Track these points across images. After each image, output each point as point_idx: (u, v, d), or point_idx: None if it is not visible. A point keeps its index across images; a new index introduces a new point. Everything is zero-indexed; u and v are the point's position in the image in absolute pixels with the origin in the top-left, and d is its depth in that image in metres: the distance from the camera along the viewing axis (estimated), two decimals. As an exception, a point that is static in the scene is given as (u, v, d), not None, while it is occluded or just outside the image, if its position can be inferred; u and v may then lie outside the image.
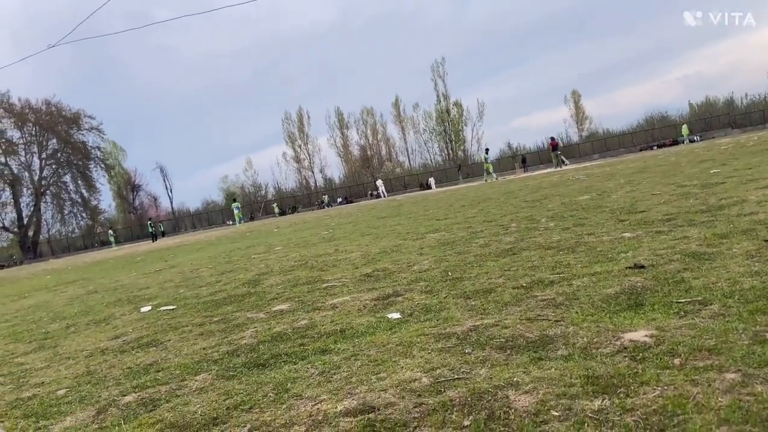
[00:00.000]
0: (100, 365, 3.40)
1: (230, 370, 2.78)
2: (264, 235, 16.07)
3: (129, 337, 4.10)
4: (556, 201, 9.12)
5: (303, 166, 79.61)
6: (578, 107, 77.29)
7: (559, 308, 2.85)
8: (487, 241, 5.74)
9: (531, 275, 3.72)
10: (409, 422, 1.84)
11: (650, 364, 1.94)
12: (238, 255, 10.13)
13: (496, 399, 1.88)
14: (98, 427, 2.33)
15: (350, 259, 6.26)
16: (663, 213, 5.43)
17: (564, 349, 2.24)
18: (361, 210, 23.63)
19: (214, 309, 4.64)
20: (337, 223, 15.08)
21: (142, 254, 18.67)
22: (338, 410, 2.03)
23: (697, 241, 3.84)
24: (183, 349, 3.41)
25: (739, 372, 1.75)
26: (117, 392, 2.76)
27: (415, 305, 3.46)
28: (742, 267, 2.97)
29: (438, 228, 8.19)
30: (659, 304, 2.62)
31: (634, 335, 2.25)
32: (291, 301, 4.33)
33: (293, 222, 24.01)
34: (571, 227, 5.65)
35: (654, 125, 66.87)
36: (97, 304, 6.53)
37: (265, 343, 3.17)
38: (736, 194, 5.79)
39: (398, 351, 2.59)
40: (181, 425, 2.16)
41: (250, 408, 2.22)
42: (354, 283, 4.66)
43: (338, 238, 9.86)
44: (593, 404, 1.72)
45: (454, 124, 76.40)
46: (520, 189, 15.37)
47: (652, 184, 8.84)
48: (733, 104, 65.84)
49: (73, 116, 72.10)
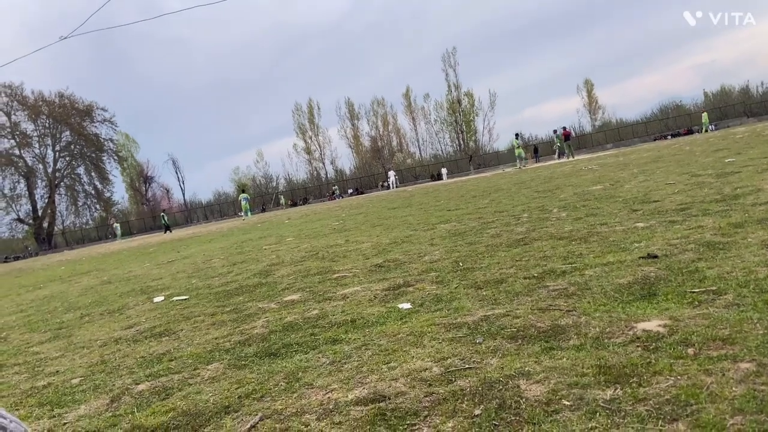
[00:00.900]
0: (114, 354, 3.43)
1: (242, 360, 2.80)
2: (275, 226, 16.12)
3: (142, 326, 4.14)
4: (568, 191, 9.05)
5: (314, 158, 79.66)
6: (591, 97, 76.51)
7: (571, 298, 2.83)
8: (498, 232, 5.71)
9: (543, 265, 3.70)
10: (419, 411, 1.84)
11: (663, 354, 1.93)
12: (249, 246, 10.17)
13: (507, 388, 1.88)
14: (112, 415, 2.35)
15: (361, 250, 6.27)
16: (677, 203, 5.38)
17: (576, 339, 2.23)
18: (372, 201, 23.63)
19: (226, 299, 4.66)
20: (347, 214, 15.10)
21: (155, 245, 18.83)
22: (349, 399, 2.03)
23: (712, 230, 3.79)
24: (195, 339, 3.43)
25: (754, 362, 1.73)
26: (130, 381, 2.78)
27: (425, 295, 3.46)
28: (758, 257, 2.93)
29: (449, 219, 8.16)
30: (672, 294, 2.60)
31: (647, 325, 2.23)
32: (302, 292, 4.34)
33: (304, 213, 24.07)
34: (584, 217, 5.61)
35: (668, 114, 66.08)
36: (111, 294, 6.60)
37: (277, 333, 3.18)
38: (751, 183, 5.71)
39: (409, 341, 2.59)
40: (194, 413, 2.18)
41: (261, 397, 2.23)
42: (365, 273, 4.67)
43: (349, 229, 9.86)
44: (605, 394, 1.71)
45: (465, 115, 75.99)
46: (531, 179, 15.27)
47: (666, 174, 8.74)
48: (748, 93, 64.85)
49: (86, 108, 72.62)
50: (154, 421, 2.16)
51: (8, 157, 66.78)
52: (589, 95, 76.46)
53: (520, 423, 1.64)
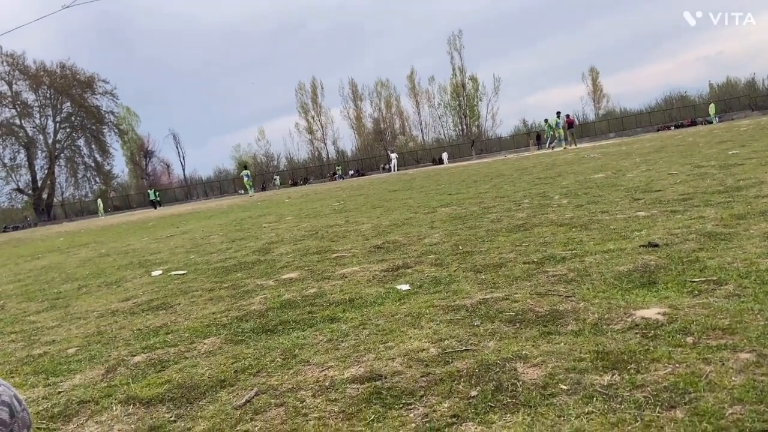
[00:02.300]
0: (111, 326, 3.43)
1: (239, 335, 2.79)
2: (275, 205, 16.11)
3: (140, 299, 4.14)
4: (570, 178, 9.02)
5: (315, 138, 79.35)
6: (596, 85, 76.00)
7: (570, 284, 2.82)
8: (498, 217, 5.69)
9: (543, 251, 3.68)
10: (415, 391, 1.83)
11: (662, 342, 1.92)
12: (249, 223, 10.16)
13: (504, 371, 1.87)
14: (107, 385, 2.35)
15: (360, 231, 6.25)
16: (679, 193, 5.35)
17: (574, 325, 2.22)
18: (373, 183, 23.58)
19: (224, 275, 4.66)
20: (348, 195, 15.07)
21: (154, 220, 18.82)
22: (345, 377, 2.03)
23: (714, 221, 3.77)
24: (193, 313, 3.43)
25: (754, 352, 1.72)
26: (126, 352, 2.78)
27: (424, 277, 3.45)
28: (759, 248, 2.91)
29: (450, 202, 8.14)
30: (673, 282, 2.59)
31: (646, 312, 2.22)
32: (301, 270, 4.33)
33: (304, 193, 24.04)
34: (585, 205, 5.58)
35: (672, 105, 65.71)
36: (109, 266, 6.60)
37: (274, 310, 3.18)
38: (754, 175, 5.68)
39: (406, 321, 2.59)
40: (189, 386, 2.17)
41: (257, 372, 2.23)
42: (364, 254, 4.65)
43: (349, 209, 9.84)
44: (603, 379, 1.70)
45: (469, 99, 75.54)
46: (533, 166, 15.22)
47: (669, 164, 8.70)
48: (754, 86, 64.42)
49: (87, 80, 72.11)
50: (150, 393, 2.16)
51: (9, 126, 66.48)
52: (593, 83, 75.95)
53: (516, 405, 1.63)
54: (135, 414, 2.01)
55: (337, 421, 1.70)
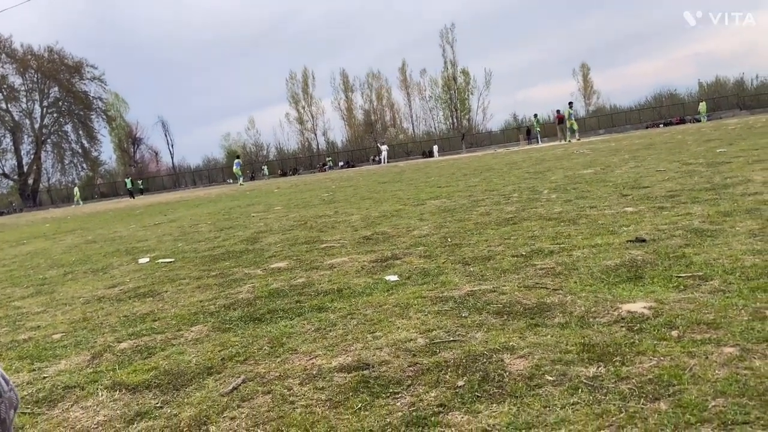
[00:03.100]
0: (97, 312, 3.41)
1: (226, 323, 2.78)
2: (264, 195, 16.05)
3: (126, 286, 4.11)
4: (559, 173, 9.06)
5: (306, 128, 79.03)
6: (586, 81, 76.27)
7: (557, 277, 2.84)
8: (488, 210, 5.71)
9: (531, 244, 3.70)
10: (403, 380, 1.84)
11: (647, 335, 1.94)
12: (237, 212, 10.12)
13: (491, 362, 1.88)
14: (93, 371, 2.34)
15: (350, 222, 6.25)
16: (667, 189, 5.40)
17: (561, 317, 2.23)
18: (363, 174, 23.55)
19: (212, 263, 4.64)
20: (337, 186, 15.04)
21: (142, 207, 18.68)
22: (333, 365, 2.03)
23: (700, 217, 3.81)
24: (180, 301, 3.41)
25: (738, 346, 1.74)
26: (112, 339, 2.77)
27: (413, 269, 3.45)
28: (745, 245, 2.94)
29: (439, 195, 8.15)
30: (659, 277, 2.61)
31: (632, 306, 2.24)
32: (289, 260, 4.32)
33: (294, 183, 23.97)
34: (574, 200, 5.62)
35: (662, 103, 66.14)
36: (95, 253, 6.54)
37: (262, 299, 3.17)
38: (741, 174, 5.74)
39: (395, 312, 2.59)
40: (176, 373, 2.17)
41: (244, 360, 2.22)
42: (353, 244, 4.65)
43: (338, 200, 9.83)
44: (588, 371, 1.72)
45: (460, 92, 75.53)
46: (523, 160, 15.28)
47: (657, 161, 8.77)
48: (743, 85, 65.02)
49: (76, 65, 71.20)
50: (136, 379, 2.15)
51: (-6, 110, 65.60)
52: (584, 79, 76.23)
53: (503, 395, 1.65)
54: (121, 400, 2.00)
55: (324, 409, 1.71)
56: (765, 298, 2.14)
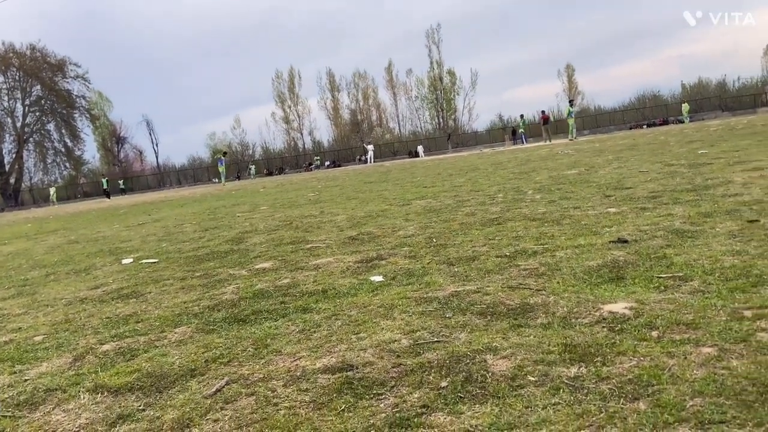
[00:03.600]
0: (79, 314, 3.38)
1: (210, 324, 2.77)
2: (249, 195, 15.97)
3: (109, 287, 4.08)
4: (543, 174, 9.13)
5: (292, 128, 78.81)
6: (571, 82, 76.92)
7: (541, 278, 2.86)
8: (473, 210, 5.74)
9: (515, 245, 3.73)
10: (386, 381, 1.84)
11: (628, 336, 1.96)
12: (222, 212, 10.07)
13: (474, 362, 1.90)
14: (75, 373, 2.32)
15: (335, 222, 6.25)
16: (649, 190, 5.46)
17: (544, 318, 2.26)
18: (349, 174, 23.54)
19: (197, 264, 4.61)
20: (323, 186, 15.02)
21: (126, 207, 18.51)
22: (317, 367, 2.03)
23: (681, 218, 3.86)
24: (163, 302, 3.39)
25: (716, 347, 1.77)
26: (95, 341, 2.74)
27: (398, 269, 3.46)
28: (724, 246, 2.99)
29: (425, 195, 8.17)
30: (640, 278, 2.64)
31: (613, 307, 2.27)
32: (274, 260, 4.31)
33: (279, 183, 23.89)
34: (557, 200, 5.66)
35: (645, 104, 66.87)
36: (78, 254, 6.47)
37: (247, 300, 3.16)
38: (722, 175, 5.82)
39: (379, 313, 2.60)
40: (159, 375, 2.15)
41: (228, 361, 2.22)
42: (338, 245, 4.65)
43: (324, 200, 9.82)
44: (570, 371, 1.74)
45: (446, 93, 75.77)
46: (509, 160, 15.36)
47: (640, 162, 8.87)
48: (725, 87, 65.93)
49: (58, 63, 70.33)
50: (118, 381, 2.14)
51: (-25, 108, 64.61)
52: (569, 80, 76.88)
53: (485, 396, 1.66)
54: (103, 402, 1.99)
55: (307, 411, 1.71)
56: (743, 298, 2.18)
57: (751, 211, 3.80)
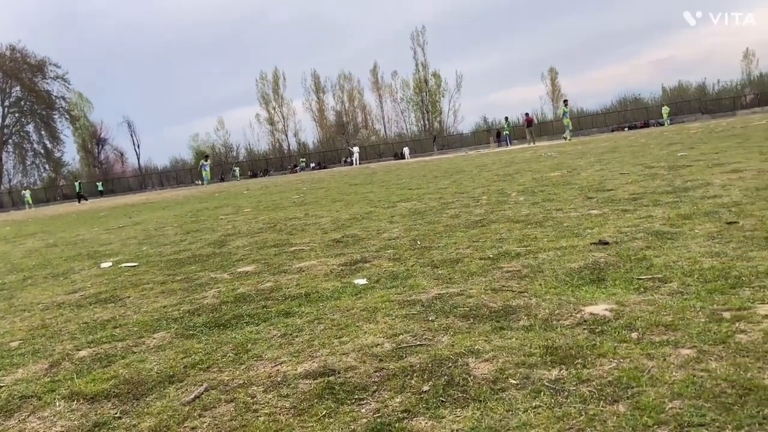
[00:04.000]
0: (56, 319, 3.32)
1: (190, 329, 2.74)
2: (233, 197, 15.86)
3: (87, 292, 4.01)
4: (527, 176, 9.18)
5: (276, 129, 78.51)
6: (554, 85, 77.61)
7: (523, 280, 2.87)
8: (457, 212, 5.75)
9: (498, 247, 3.74)
10: (368, 386, 1.83)
11: (608, 337, 1.97)
12: (205, 215, 9.98)
13: (456, 366, 1.89)
14: (50, 380, 2.27)
15: (320, 224, 6.22)
16: (630, 192, 5.51)
17: (526, 320, 2.26)
18: (334, 176, 23.49)
19: (178, 268, 4.56)
20: (308, 188, 14.96)
21: (106, 210, 18.28)
22: (298, 372, 2.01)
23: (661, 220, 3.90)
24: (142, 307, 3.34)
25: (695, 348, 1.79)
26: (72, 346, 2.69)
27: (382, 272, 3.45)
28: (703, 247, 3.02)
29: (410, 197, 8.17)
30: (621, 279, 2.66)
31: (594, 309, 2.27)
32: (257, 263, 4.28)
33: (264, 185, 23.76)
34: (541, 202, 5.69)
35: (627, 107, 67.66)
36: (56, 257, 6.37)
37: (228, 304, 3.13)
38: (701, 177, 5.89)
39: (362, 316, 2.58)
40: (136, 382, 2.12)
41: (208, 367, 2.19)
42: (322, 247, 4.63)
43: (309, 202, 9.78)
44: (551, 374, 1.74)
45: (431, 95, 76.01)
46: (493, 162, 15.43)
47: (622, 164, 8.95)
48: (704, 90, 66.94)
49: (38, 64, 69.40)
50: (95, 388, 2.10)
51: (-48, 109, 63.52)
52: (552, 83, 77.57)
53: (467, 400, 1.65)
54: (79, 410, 1.95)
55: (288, 417, 1.69)
56: (722, 300, 2.20)
57: (730, 212, 3.85)
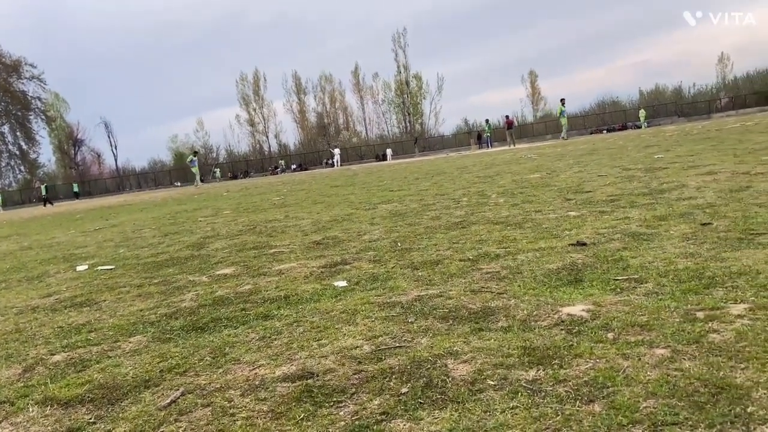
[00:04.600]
0: (30, 323, 3.25)
1: (167, 333, 2.70)
2: (212, 198, 15.73)
3: (62, 295, 3.94)
4: (507, 178, 9.24)
5: (257, 130, 78.08)
6: (534, 87, 78.40)
7: (502, 281, 2.89)
8: (438, 214, 5.77)
9: (478, 248, 3.76)
10: (347, 388, 1.82)
11: (585, 338, 1.99)
12: (183, 217, 9.87)
13: (435, 367, 1.89)
14: (24, 385, 2.23)
15: (300, 226, 6.19)
16: (607, 194, 5.58)
17: (504, 321, 2.27)
18: (315, 178, 23.41)
19: (155, 270, 4.50)
20: (289, 190, 14.89)
21: (82, 212, 18.00)
22: (276, 375, 2.00)
23: (638, 222, 3.95)
24: (119, 310, 3.29)
25: (669, 348, 1.81)
26: (46, 351, 2.64)
27: (362, 274, 3.45)
28: (678, 248, 3.07)
29: (391, 199, 8.18)
30: (597, 280, 2.69)
31: (571, 309, 2.30)
32: (236, 266, 4.24)
33: (244, 186, 23.59)
34: (520, 204, 5.74)
35: (605, 109, 68.53)
36: (31, 260, 6.26)
37: (206, 307, 3.10)
38: (677, 179, 5.99)
39: (342, 318, 2.58)
40: (111, 386, 2.09)
41: (185, 371, 2.16)
42: (302, 250, 4.61)
43: (289, 204, 9.73)
44: (528, 374, 1.75)
45: (413, 97, 76.23)
46: (474, 164, 15.52)
47: (599, 166, 9.06)
48: (680, 93, 68.04)
49: (13, 63, 68.15)
50: (69, 393, 2.06)
51: (-77, 109, 62.09)
52: (532, 86, 78.34)
53: (445, 401, 1.66)
54: (52, 415, 1.91)
55: (265, 421, 1.68)
56: (696, 300, 2.24)
57: (705, 214, 3.92)
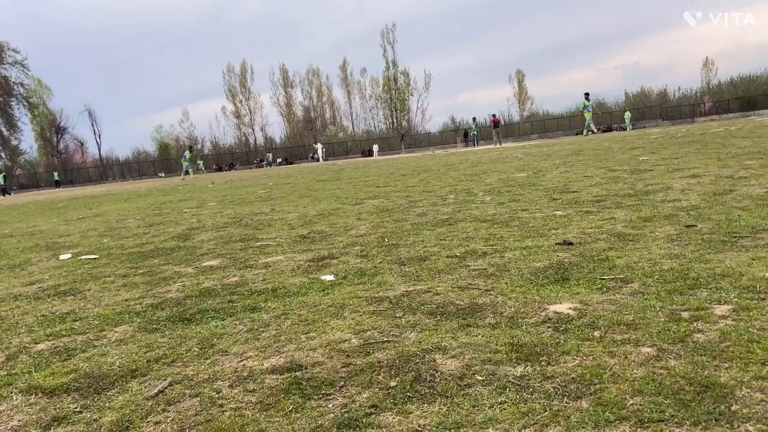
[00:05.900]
0: (12, 311, 3.21)
1: (153, 323, 2.68)
2: (198, 190, 15.60)
3: (45, 284, 3.89)
4: (494, 176, 9.29)
5: (243, 123, 77.52)
6: (522, 87, 78.72)
7: (489, 278, 2.90)
8: (424, 211, 5.78)
9: (465, 246, 3.77)
10: (335, 381, 1.83)
11: (572, 336, 2.01)
12: (168, 208, 9.79)
13: (423, 362, 1.90)
14: (7, 373, 2.20)
15: (287, 220, 6.17)
16: (593, 194, 5.63)
17: (492, 318, 2.29)
18: (301, 172, 23.33)
19: (140, 261, 4.46)
20: (275, 183, 14.82)
21: (65, 200, 17.76)
22: (264, 367, 2.00)
23: (623, 222, 4.00)
24: (104, 300, 3.26)
25: (655, 347, 1.84)
26: (29, 339, 2.61)
27: (349, 268, 3.45)
28: (663, 249, 3.11)
29: (377, 195, 8.18)
30: (584, 279, 2.72)
31: (558, 307, 2.32)
32: (222, 258, 4.22)
33: (229, 179, 23.44)
34: (507, 202, 5.77)
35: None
36: (12, 248, 6.16)
37: (192, 298, 3.08)
38: (662, 181, 6.06)
39: (329, 312, 2.58)
40: (97, 376, 2.07)
41: (172, 362, 2.15)
42: (289, 243, 4.60)
43: (275, 198, 9.69)
44: (516, 371, 1.77)
45: (400, 93, 76.17)
46: (460, 162, 15.56)
47: (585, 167, 9.14)
48: (666, 96, 68.68)
49: (-5, 47, 66.86)
50: (53, 382, 2.04)
51: None
52: (519, 85, 78.63)
53: (434, 395, 1.67)
54: (37, 404, 1.89)
55: (254, 412, 1.67)
56: (680, 300, 2.27)
57: (689, 216, 3.97)
